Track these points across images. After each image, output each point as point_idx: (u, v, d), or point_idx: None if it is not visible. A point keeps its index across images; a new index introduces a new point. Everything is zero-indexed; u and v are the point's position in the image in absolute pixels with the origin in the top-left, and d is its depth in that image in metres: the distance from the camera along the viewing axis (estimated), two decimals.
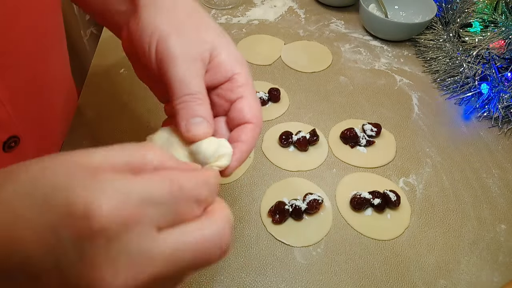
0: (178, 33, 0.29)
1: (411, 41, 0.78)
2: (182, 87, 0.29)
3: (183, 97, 0.29)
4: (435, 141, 0.60)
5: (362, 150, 0.58)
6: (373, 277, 0.45)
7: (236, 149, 0.30)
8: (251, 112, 0.32)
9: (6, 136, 0.41)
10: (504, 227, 0.50)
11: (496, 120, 0.63)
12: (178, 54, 0.29)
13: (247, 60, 0.71)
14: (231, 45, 0.32)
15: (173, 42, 0.29)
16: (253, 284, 0.44)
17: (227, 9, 0.84)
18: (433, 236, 0.49)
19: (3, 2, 0.34)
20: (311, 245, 0.48)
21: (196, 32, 0.30)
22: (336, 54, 0.75)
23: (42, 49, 0.43)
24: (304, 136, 0.56)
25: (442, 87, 0.69)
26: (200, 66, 0.30)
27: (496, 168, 0.57)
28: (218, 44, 0.31)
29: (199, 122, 0.29)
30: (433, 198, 0.53)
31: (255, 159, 0.56)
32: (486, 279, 0.46)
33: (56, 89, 0.50)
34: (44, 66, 0.44)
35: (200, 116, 0.29)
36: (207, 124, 0.29)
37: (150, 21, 0.30)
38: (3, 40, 0.35)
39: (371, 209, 0.51)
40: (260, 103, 0.33)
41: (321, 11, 0.86)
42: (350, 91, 0.68)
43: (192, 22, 0.31)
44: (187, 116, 0.29)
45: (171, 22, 0.30)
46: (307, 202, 0.49)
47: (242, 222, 0.49)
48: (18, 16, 0.36)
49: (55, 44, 0.47)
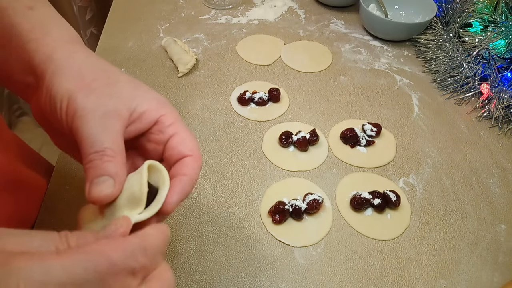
0: (87, 93, 0.28)
1: (411, 41, 0.78)
2: (89, 144, 0.27)
3: (90, 156, 0.26)
4: (435, 141, 0.60)
5: (362, 150, 0.58)
6: (373, 277, 0.45)
7: (178, 182, 0.28)
8: (187, 146, 0.30)
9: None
10: (504, 227, 0.50)
11: (496, 120, 0.63)
12: (88, 111, 0.27)
13: (247, 60, 0.72)
14: (150, 92, 0.31)
15: (82, 101, 0.27)
16: (253, 284, 0.44)
17: (227, 9, 0.84)
18: (433, 236, 0.49)
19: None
20: (311, 245, 0.48)
21: (107, 89, 0.29)
22: (336, 54, 0.75)
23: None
24: (304, 136, 0.56)
25: (442, 87, 0.69)
26: (113, 120, 0.28)
27: (496, 168, 0.57)
28: (135, 95, 0.30)
29: (103, 180, 0.26)
30: (433, 198, 0.53)
31: (255, 159, 0.56)
32: (486, 279, 0.46)
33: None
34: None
35: (107, 175, 0.26)
36: (113, 182, 0.26)
37: (59, 86, 0.28)
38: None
39: (371, 209, 0.51)
40: (195, 137, 0.32)
41: (321, 11, 0.86)
42: (350, 91, 0.68)
43: (102, 81, 0.29)
44: (92, 176, 0.26)
45: (79, 85, 0.28)
46: (307, 202, 0.49)
47: (242, 222, 0.49)
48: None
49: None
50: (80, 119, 0.27)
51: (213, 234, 0.48)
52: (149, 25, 0.78)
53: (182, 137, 0.31)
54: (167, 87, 0.66)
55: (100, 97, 0.28)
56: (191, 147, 0.30)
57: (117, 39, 0.75)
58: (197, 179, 0.30)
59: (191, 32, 0.77)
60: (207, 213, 0.50)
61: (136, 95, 0.30)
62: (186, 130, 0.31)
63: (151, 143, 0.32)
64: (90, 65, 0.30)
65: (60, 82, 0.28)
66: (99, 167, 0.26)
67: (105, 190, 0.26)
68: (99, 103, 0.28)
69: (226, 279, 0.44)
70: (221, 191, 0.52)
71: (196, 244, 0.47)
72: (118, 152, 0.27)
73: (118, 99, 0.29)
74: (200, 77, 0.68)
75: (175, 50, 0.70)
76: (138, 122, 0.30)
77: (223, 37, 0.77)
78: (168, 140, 0.31)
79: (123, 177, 0.27)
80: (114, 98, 0.29)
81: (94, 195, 0.26)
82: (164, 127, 0.31)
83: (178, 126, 0.31)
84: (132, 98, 0.30)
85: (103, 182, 0.26)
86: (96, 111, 0.27)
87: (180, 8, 0.84)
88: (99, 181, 0.26)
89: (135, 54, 0.72)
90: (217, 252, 0.46)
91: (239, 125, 0.61)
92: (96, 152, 0.26)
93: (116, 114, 0.28)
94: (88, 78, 0.29)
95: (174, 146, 0.30)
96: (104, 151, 0.26)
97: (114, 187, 0.26)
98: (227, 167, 0.55)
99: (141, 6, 0.84)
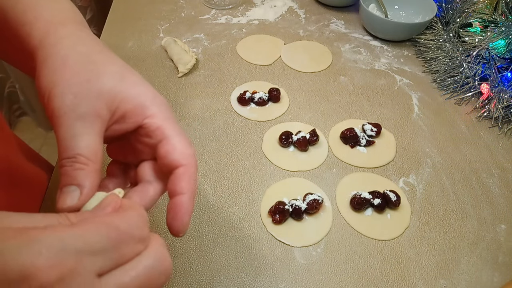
0: (65, 90, 0.26)
1: (411, 41, 0.78)
2: (62, 148, 0.25)
3: (62, 161, 0.25)
4: (435, 141, 0.60)
5: (362, 150, 0.58)
6: (373, 277, 0.45)
7: (180, 205, 0.28)
8: (178, 154, 0.28)
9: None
10: (504, 227, 0.50)
11: (496, 120, 0.63)
12: (64, 112, 0.26)
13: (247, 60, 0.72)
14: (136, 87, 0.29)
15: (59, 100, 0.26)
16: (253, 284, 0.44)
17: (227, 9, 0.84)
18: (433, 236, 0.49)
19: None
20: (311, 245, 0.48)
21: (87, 85, 0.27)
22: (336, 54, 0.75)
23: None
24: (304, 136, 0.56)
25: (442, 87, 0.69)
26: (90, 122, 0.26)
27: (496, 168, 0.57)
28: (119, 91, 0.28)
29: (71, 191, 0.25)
30: (433, 198, 0.53)
31: (255, 159, 0.56)
32: (486, 279, 0.46)
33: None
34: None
35: (75, 184, 0.25)
36: (78, 193, 0.25)
37: (44, 79, 0.27)
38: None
39: (371, 209, 0.51)
40: (187, 138, 0.29)
41: (321, 11, 0.86)
42: (350, 91, 0.68)
43: (83, 75, 0.27)
44: (62, 183, 0.25)
45: (60, 79, 0.27)
46: (307, 202, 0.49)
47: (242, 222, 0.49)
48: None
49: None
50: (57, 120, 0.26)
51: (213, 234, 0.48)
52: (149, 25, 0.78)
53: (171, 143, 0.29)
54: (167, 87, 0.66)
55: (77, 95, 0.26)
56: (183, 155, 0.28)
57: (117, 39, 0.75)
58: (196, 187, 0.29)
59: (191, 32, 0.77)
60: (207, 213, 0.50)
61: (120, 91, 0.28)
62: (176, 133, 0.29)
63: (141, 144, 0.30)
64: (75, 54, 0.28)
65: (44, 74, 0.27)
66: (68, 175, 0.25)
67: (69, 202, 0.25)
68: (75, 103, 0.26)
69: (226, 279, 0.44)
70: (221, 191, 0.52)
71: (196, 244, 0.47)
72: (92, 159, 0.26)
73: (98, 98, 0.27)
74: (200, 77, 0.68)
75: (175, 50, 0.70)
76: (122, 122, 0.28)
77: (223, 37, 0.77)
78: (157, 145, 0.29)
79: (92, 188, 0.26)
80: (93, 96, 0.27)
81: (58, 205, 0.25)
82: (150, 131, 0.29)
83: (167, 130, 0.29)
84: (114, 95, 0.27)
85: (70, 192, 0.25)
86: (71, 112, 0.26)
87: (180, 8, 0.84)
88: (67, 191, 0.25)
89: (135, 54, 0.72)
90: (217, 252, 0.46)
91: (239, 125, 0.61)
92: (68, 158, 0.25)
93: (94, 114, 0.26)
94: (69, 71, 0.27)
95: (163, 155, 0.28)
96: (75, 158, 0.25)
97: (78, 199, 0.25)
98: (227, 167, 0.55)
99: (141, 6, 0.84)
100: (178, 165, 0.28)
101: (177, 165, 0.28)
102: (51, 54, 0.27)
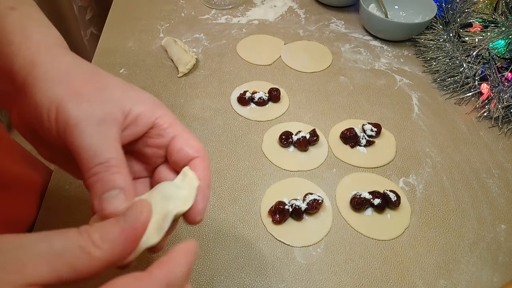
0: (77, 99, 0.26)
1: (411, 41, 0.78)
2: (91, 156, 0.25)
3: (94, 169, 0.25)
4: (435, 141, 0.60)
5: (362, 150, 0.58)
6: (373, 277, 0.45)
7: (198, 190, 0.29)
8: (192, 147, 0.30)
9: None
10: (504, 227, 0.50)
11: (496, 120, 0.63)
12: (81, 119, 0.25)
13: (247, 60, 0.72)
14: (143, 93, 0.30)
15: (73, 108, 0.26)
16: (253, 284, 0.44)
17: (227, 9, 0.84)
18: (433, 236, 0.49)
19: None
20: (311, 245, 0.48)
21: (98, 94, 0.27)
22: (336, 54, 0.75)
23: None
24: (304, 136, 0.56)
25: (442, 87, 0.69)
26: (110, 126, 0.26)
27: (496, 168, 0.57)
28: (128, 98, 0.28)
29: (114, 195, 0.25)
30: (433, 198, 0.53)
31: (255, 159, 0.56)
32: (486, 279, 0.46)
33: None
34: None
35: (117, 188, 0.25)
36: (123, 195, 0.25)
37: (44, 95, 0.26)
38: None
39: (371, 209, 0.51)
40: (196, 136, 0.31)
41: (321, 11, 0.86)
42: (350, 91, 0.68)
43: (92, 85, 0.27)
44: (101, 190, 0.25)
45: (68, 91, 0.26)
46: (307, 202, 0.49)
47: (242, 222, 0.49)
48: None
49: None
50: (74, 128, 0.25)
51: (213, 234, 0.48)
52: (149, 25, 0.78)
53: (185, 138, 0.30)
54: (167, 87, 0.66)
55: (92, 103, 0.26)
56: (196, 148, 0.30)
57: (117, 39, 0.75)
58: (211, 179, 0.30)
59: (191, 32, 0.77)
60: (207, 213, 0.50)
61: (129, 96, 0.29)
62: (186, 130, 0.31)
63: (150, 148, 0.31)
64: (78, 68, 0.28)
65: (45, 89, 0.26)
66: (106, 180, 0.25)
67: (117, 206, 0.25)
68: (92, 110, 0.26)
69: (226, 279, 0.44)
70: (221, 191, 0.52)
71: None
72: (122, 161, 0.26)
73: (110, 103, 0.27)
74: (200, 77, 0.68)
75: (175, 50, 0.70)
76: (133, 125, 0.29)
77: (223, 37, 0.77)
78: (169, 143, 0.30)
79: (132, 189, 0.26)
80: (106, 102, 0.27)
81: (108, 211, 0.25)
82: (162, 129, 0.30)
83: (177, 127, 0.30)
84: (125, 100, 0.28)
85: (114, 197, 0.25)
86: (90, 118, 0.26)
87: (180, 8, 0.84)
88: (110, 196, 0.25)
89: (135, 54, 0.72)
90: (217, 252, 0.46)
91: (239, 125, 0.61)
92: (100, 164, 0.25)
93: (112, 118, 0.27)
94: (76, 82, 0.27)
95: (178, 149, 0.30)
96: (109, 162, 0.25)
97: (125, 200, 0.25)
98: (227, 167, 0.55)
99: (141, 6, 0.84)
100: (193, 157, 0.30)
101: (193, 156, 0.30)
102: (49, 69, 0.27)
